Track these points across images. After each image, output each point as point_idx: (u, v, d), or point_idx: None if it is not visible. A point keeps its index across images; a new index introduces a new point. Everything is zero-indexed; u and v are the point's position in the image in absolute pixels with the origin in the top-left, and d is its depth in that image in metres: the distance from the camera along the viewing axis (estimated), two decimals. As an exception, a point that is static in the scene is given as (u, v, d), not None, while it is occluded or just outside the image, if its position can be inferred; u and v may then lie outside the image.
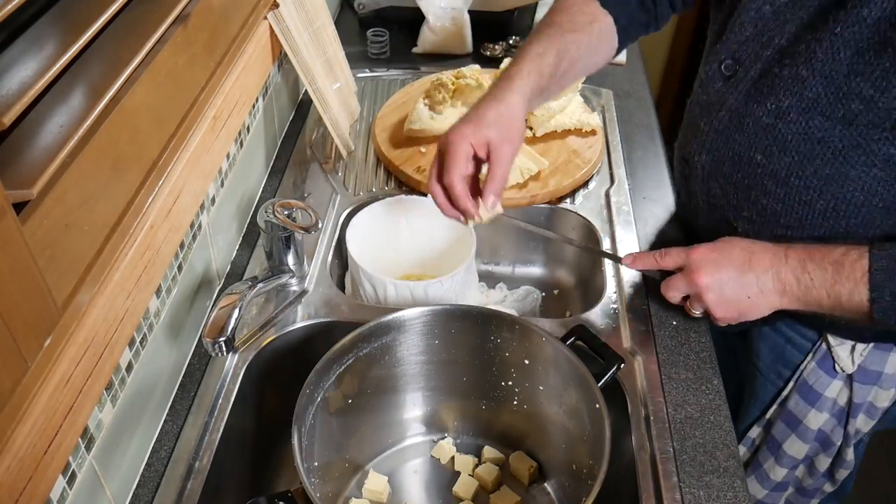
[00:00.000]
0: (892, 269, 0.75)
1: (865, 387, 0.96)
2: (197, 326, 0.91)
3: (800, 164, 0.81)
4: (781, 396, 1.04)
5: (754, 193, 0.87)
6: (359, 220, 1.05)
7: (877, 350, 0.93)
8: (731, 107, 0.86)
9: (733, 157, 0.87)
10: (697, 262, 0.82)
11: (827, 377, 0.97)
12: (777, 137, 0.82)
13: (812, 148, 0.80)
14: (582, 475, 0.80)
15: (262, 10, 1.01)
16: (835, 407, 1.00)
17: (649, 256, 0.88)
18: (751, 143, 0.85)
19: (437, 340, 0.87)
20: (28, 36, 0.58)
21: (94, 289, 0.61)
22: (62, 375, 0.57)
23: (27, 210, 0.54)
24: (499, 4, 1.54)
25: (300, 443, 0.72)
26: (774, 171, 0.83)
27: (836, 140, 0.78)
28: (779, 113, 0.81)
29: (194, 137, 0.80)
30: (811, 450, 1.05)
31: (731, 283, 0.81)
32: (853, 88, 0.74)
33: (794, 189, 0.83)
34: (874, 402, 0.98)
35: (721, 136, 0.88)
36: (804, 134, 0.79)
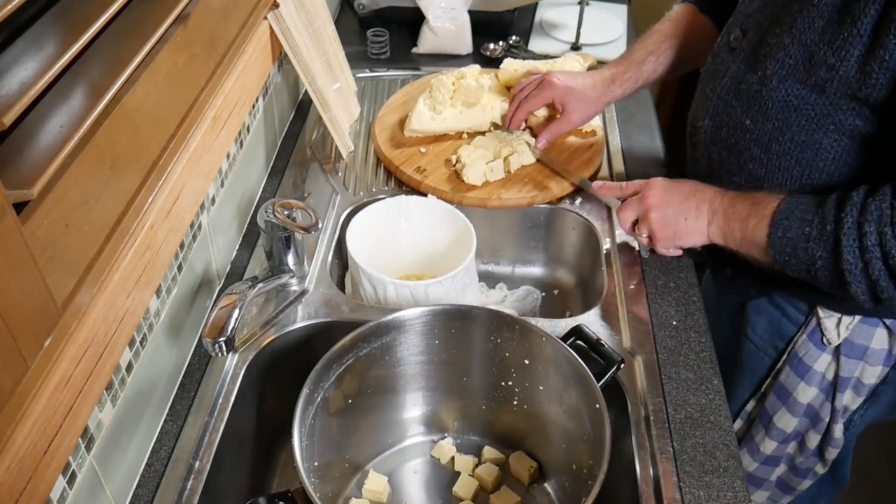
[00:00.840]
0: (792, 209, 0.81)
1: (852, 361, 0.99)
2: (197, 326, 0.91)
3: (779, 130, 0.86)
4: (775, 369, 1.07)
5: (743, 158, 0.92)
6: (359, 220, 1.05)
7: (863, 324, 0.96)
8: (732, 74, 0.91)
9: (730, 122, 0.92)
10: (651, 185, 0.95)
11: (816, 350, 1.00)
12: (762, 104, 0.87)
13: (789, 115, 0.85)
14: (582, 475, 0.80)
15: (262, 10, 1.01)
16: (823, 381, 1.02)
17: (616, 185, 1.02)
18: (744, 109, 0.90)
19: (437, 340, 0.87)
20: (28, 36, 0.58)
21: (94, 289, 0.61)
22: (62, 375, 0.57)
23: (27, 210, 0.54)
24: (499, 4, 1.54)
25: (300, 443, 0.72)
26: (759, 136, 0.89)
27: (810, 108, 0.83)
28: (764, 79, 0.86)
29: (194, 137, 0.80)
30: (801, 425, 1.07)
31: (675, 206, 0.92)
32: (821, 56, 0.79)
33: (774, 154, 0.88)
34: (861, 378, 1.00)
35: (722, 101, 0.93)
36: (783, 101, 0.84)
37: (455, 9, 1.46)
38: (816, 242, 0.79)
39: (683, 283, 1.01)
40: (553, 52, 1.52)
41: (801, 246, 0.81)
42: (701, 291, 1.01)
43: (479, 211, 1.11)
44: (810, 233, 0.80)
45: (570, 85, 1.12)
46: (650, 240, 0.96)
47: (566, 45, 1.56)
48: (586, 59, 1.43)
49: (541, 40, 1.58)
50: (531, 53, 1.52)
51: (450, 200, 1.10)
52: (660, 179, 0.95)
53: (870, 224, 0.75)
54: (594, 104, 1.13)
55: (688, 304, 0.98)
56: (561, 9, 1.67)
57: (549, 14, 1.66)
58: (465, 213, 1.06)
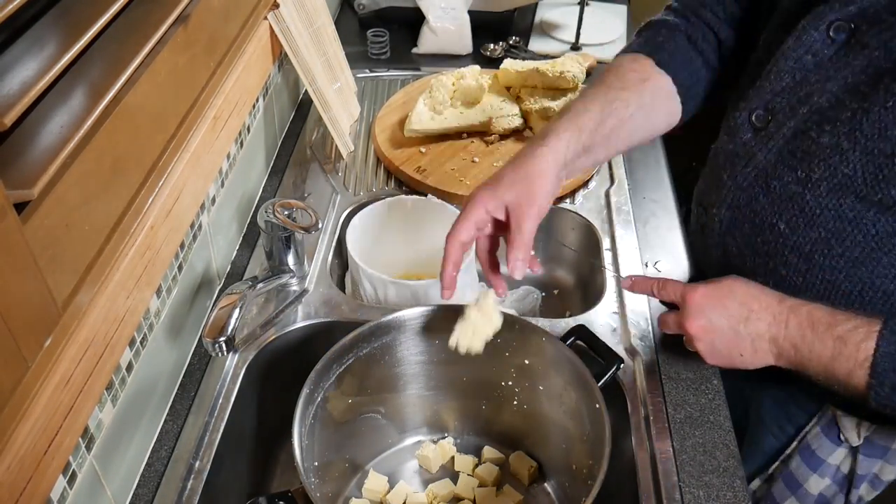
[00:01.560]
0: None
1: (871, 460, 0.90)
2: (197, 326, 0.91)
3: (826, 242, 0.74)
4: (784, 455, 0.98)
5: (773, 262, 0.80)
6: (359, 220, 1.05)
7: (884, 426, 0.87)
8: (759, 164, 0.78)
9: (755, 219, 0.80)
10: (691, 308, 0.76)
11: (831, 444, 0.91)
12: (804, 209, 0.74)
13: (842, 227, 0.72)
14: (582, 475, 0.80)
15: (262, 11, 1.01)
16: (837, 474, 0.94)
17: (647, 283, 0.82)
18: (775, 209, 0.77)
19: (438, 340, 0.87)
20: (29, 36, 0.58)
21: (94, 289, 0.62)
22: (62, 375, 0.57)
23: (28, 210, 0.54)
24: (499, 4, 1.54)
25: (300, 443, 0.72)
26: (798, 244, 0.76)
27: (869, 224, 0.71)
28: (808, 183, 0.73)
29: (195, 137, 0.80)
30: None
31: (723, 338, 0.75)
32: (894, 172, 0.67)
33: (817, 266, 0.76)
34: (879, 475, 0.93)
35: (744, 193, 0.80)
36: (834, 211, 0.72)
37: (455, 9, 1.47)
38: None
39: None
40: (553, 52, 1.52)
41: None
42: None
43: (479, 211, 1.11)
44: None
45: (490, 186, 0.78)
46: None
47: (566, 46, 1.56)
48: (586, 59, 1.43)
49: (541, 40, 1.58)
50: (531, 53, 1.52)
51: (450, 200, 1.10)
52: (700, 292, 0.76)
53: None
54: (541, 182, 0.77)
55: (688, 305, 0.97)
56: (561, 9, 1.67)
57: (549, 14, 1.66)
58: (465, 213, 1.06)
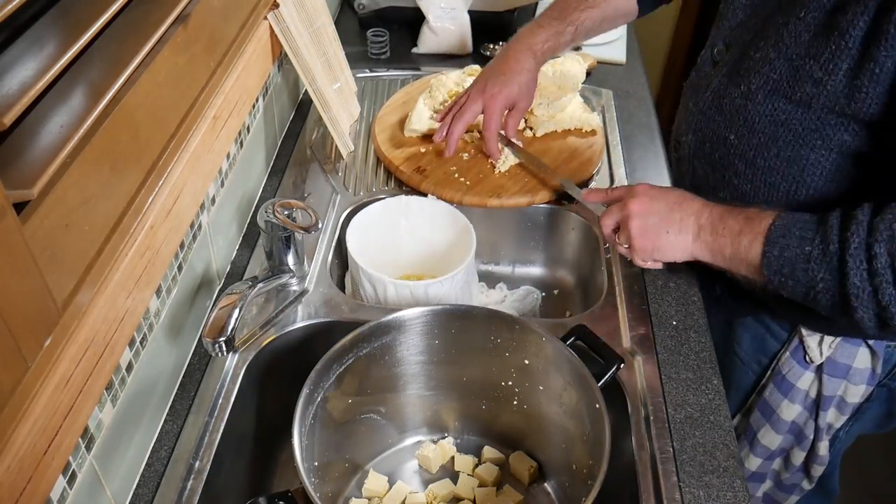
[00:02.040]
0: (789, 227, 0.76)
1: (835, 380, 0.98)
2: (197, 326, 0.91)
3: (765, 146, 0.85)
4: (759, 385, 1.06)
5: (727, 174, 0.90)
6: (359, 220, 1.05)
7: (845, 344, 0.95)
8: (715, 88, 0.90)
9: (713, 136, 0.91)
10: (636, 192, 0.88)
11: (799, 368, 0.99)
12: (746, 118, 0.85)
13: (776, 130, 0.83)
14: (582, 475, 0.80)
15: (262, 10, 1.01)
16: (806, 399, 1.01)
17: (601, 190, 0.97)
18: (727, 124, 0.88)
19: (437, 340, 0.87)
20: (28, 36, 0.58)
21: (94, 289, 0.62)
22: (62, 375, 0.57)
23: (27, 210, 0.54)
24: (499, 4, 1.54)
25: (300, 443, 0.72)
26: (744, 151, 0.87)
27: (796, 123, 0.81)
28: (748, 94, 0.84)
29: (194, 137, 0.80)
30: (785, 442, 1.07)
31: (657, 216, 0.85)
32: (807, 70, 0.78)
33: (759, 170, 0.86)
34: (844, 397, 0.99)
35: (704, 116, 0.91)
36: (769, 116, 0.83)
37: (455, 9, 1.46)
38: (818, 263, 0.73)
39: (683, 283, 1.01)
40: (553, 52, 1.52)
41: (800, 266, 0.74)
42: None
43: (479, 211, 1.11)
44: (811, 252, 0.73)
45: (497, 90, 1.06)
46: (629, 249, 0.90)
47: (566, 45, 1.56)
48: (586, 59, 1.43)
49: (541, 40, 1.58)
50: (531, 53, 1.52)
51: (450, 200, 1.10)
52: (646, 186, 0.89)
53: (880, 245, 0.69)
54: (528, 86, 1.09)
55: (688, 304, 0.98)
56: (561, 9, 1.67)
57: (549, 14, 1.65)
58: (465, 213, 1.06)
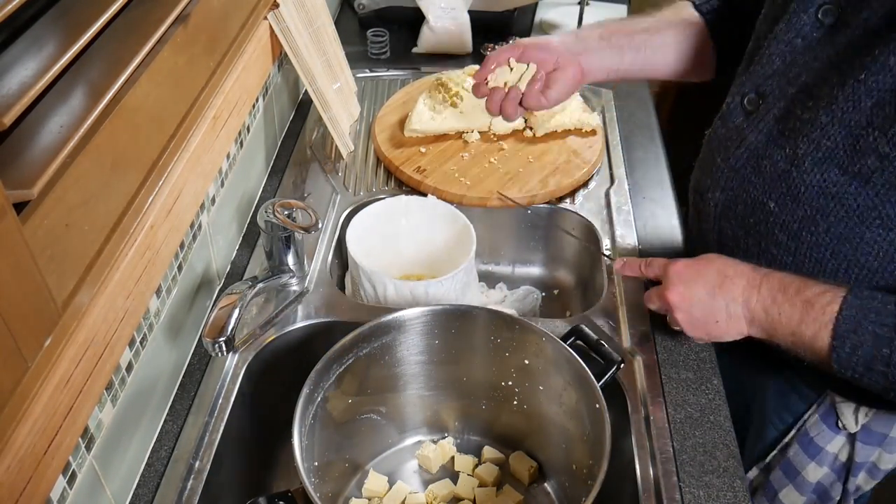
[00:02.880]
0: (860, 320, 0.70)
1: (868, 447, 0.91)
2: (197, 326, 0.91)
3: (812, 219, 0.77)
4: (782, 443, 0.99)
5: (765, 242, 0.82)
6: (359, 220, 1.05)
7: (882, 412, 0.88)
8: (750, 146, 0.81)
9: (747, 199, 0.83)
10: (671, 278, 0.81)
11: (829, 432, 0.92)
12: (791, 186, 0.77)
13: (826, 203, 0.75)
14: (582, 475, 0.80)
15: (262, 11, 1.01)
16: (835, 462, 0.95)
17: (636, 264, 0.87)
18: (766, 188, 0.80)
19: (437, 340, 0.87)
20: (28, 36, 0.58)
21: (94, 289, 0.61)
22: (62, 375, 0.57)
23: (27, 210, 0.54)
24: (499, 4, 1.54)
25: (300, 443, 0.72)
26: (786, 222, 0.79)
27: (851, 198, 0.73)
28: (795, 160, 0.76)
29: (194, 137, 0.80)
30: (807, 502, 1.00)
31: (700, 305, 0.79)
32: (870, 142, 0.69)
33: (804, 244, 0.78)
34: (877, 464, 0.94)
35: (737, 175, 0.83)
36: (819, 187, 0.75)
37: (455, 9, 1.46)
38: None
39: (683, 283, 1.00)
40: (553, 52, 1.52)
41: (877, 368, 0.69)
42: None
43: (479, 211, 1.11)
44: (890, 356, 0.68)
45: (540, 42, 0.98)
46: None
47: (566, 45, 1.56)
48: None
49: (541, 40, 1.58)
50: (531, 53, 1.52)
51: (450, 200, 1.10)
52: (680, 264, 0.81)
53: None
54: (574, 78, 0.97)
55: (688, 304, 0.97)
56: (561, 9, 1.67)
57: (549, 14, 1.66)
58: (465, 213, 1.06)
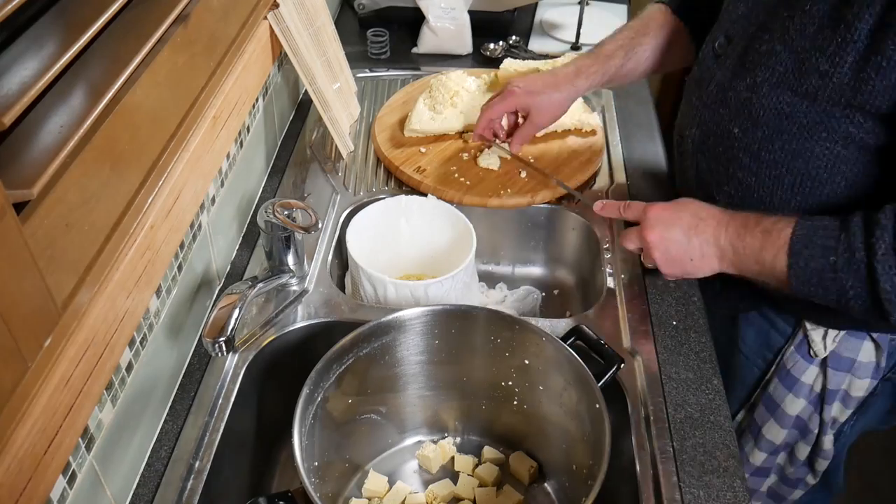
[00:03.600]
0: (811, 237, 0.76)
1: (839, 374, 0.98)
2: (197, 326, 0.91)
3: (769, 139, 0.84)
4: (764, 380, 1.06)
5: (732, 167, 0.89)
6: (359, 220, 1.05)
7: (850, 337, 0.95)
8: (718, 81, 0.89)
9: (717, 130, 0.90)
10: (650, 219, 0.87)
11: (804, 362, 0.99)
12: (751, 111, 0.85)
13: (780, 123, 0.82)
14: (582, 475, 0.80)
15: (262, 11, 1.01)
16: (811, 393, 1.01)
17: (615, 206, 0.94)
18: (731, 117, 0.88)
19: (437, 340, 0.87)
20: (28, 36, 0.58)
21: (94, 289, 0.61)
22: (62, 375, 0.57)
23: (27, 210, 0.54)
24: (499, 4, 1.54)
25: (300, 443, 0.72)
26: (748, 144, 0.86)
27: (801, 116, 0.80)
28: (754, 87, 0.84)
29: (194, 137, 0.80)
30: (790, 436, 1.07)
31: (677, 245, 0.86)
32: (813, 63, 0.77)
33: (764, 163, 0.86)
34: (849, 391, 0.99)
35: (708, 110, 0.91)
36: (774, 108, 0.82)
37: (455, 9, 1.46)
38: (845, 272, 0.74)
39: (683, 283, 1.01)
40: (553, 52, 1.52)
41: (827, 276, 0.75)
42: None
43: (479, 211, 1.11)
44: (836, 262, 0.74)
45: (530, 90, 1.07)
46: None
47: (566, 45, 1.56)
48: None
49: (541, 40, 1.58)
50: (531, 53, 1.52)
51: (450, 200, 1.10)
52: (658, 207, 0.88)
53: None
54: (560, 105, 1.08)
55: (688, 304, 0.98)
56: (561, 9, 1.67)
57: (549, 14, 1.66)
58: (465, 213, 1.06)
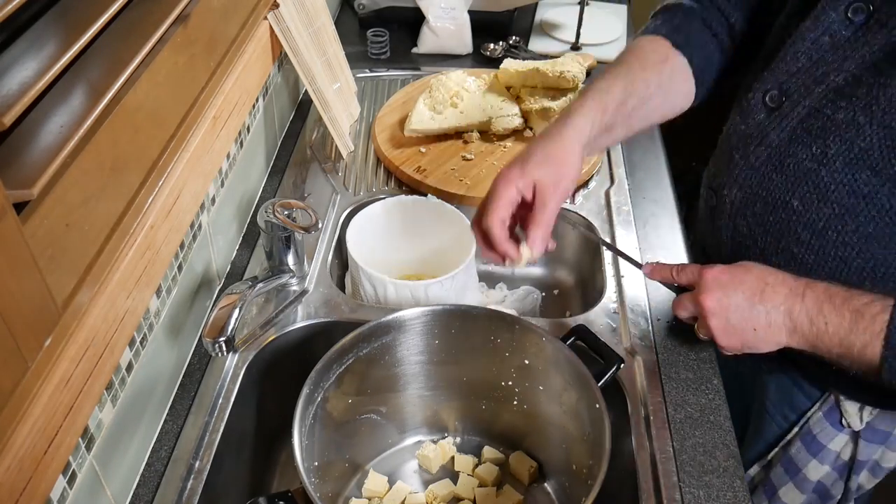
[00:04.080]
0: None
1: (872, 445, 0.91)
2: (197, 326, 0.91)
3: (840, 218, 0.76)
4: (785, 440, 0.99)
5: (785, 240, 0.81)
6: (359, 220, 1.05)
7: (886, 410, 0.88)
8: (772, 143, 0.80)
9: (767, 197, 0.81)
10: (708, 283, 0.77)
11: (833, 430, 0.92)
12: (818, 185, 0.76)
13: (856, 203, 0.74)
14: (582, 475, 0.80)
15: (262, 11, 1.01)
16: (837, 461, 0.95)
17: (667, 269, 0.83)
18: (788, 187, 0.79)
19: (437, 340, 0.87)
20: (28, 36, 0.58)
21: (94, 289, 0.61)
22: (62, 375, 0.57)
23: (27, 210, 0.54)
24: (499, 4, 1.54)
25: (300, 443, 0.72)
26: (811, 220, 0.78)
27: (884, 199, 0.72)
28: (824, 159, 0.75)
29: (194, 137, 0.80)
30: (807, 501, 1.00)
31: (738, 312, 0.75)
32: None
33: (830, 243, 0.77)
34: (879, 462, 0.94)
35: (757, 173, 0.82)
36: (849, 186, 0.74)
37: (455, 9, 1.46)
38: None
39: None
40: (553, 52, 1.52)
41: None
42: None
43: (479, 211, 1.11)
44: None
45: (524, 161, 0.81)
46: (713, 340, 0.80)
47: (566, 45, 1.56)
48: (586, 59, 1.43)
49: (541, 40, 1.58)
50: (531, 53, 1.52)
51: (450, 200, 1.10)
52: (716, 270, 0.77)
53: None
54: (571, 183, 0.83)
55: (688, 304, 0.97)
56: (561, 9, 1.67)
57: (549, 14, 1.66)
58: (465, 213, 1.06)
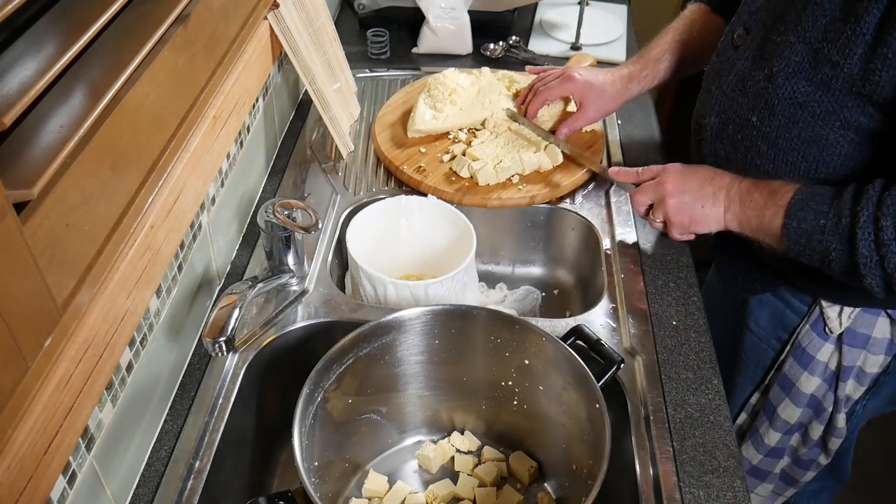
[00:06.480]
0: (808, 201, 0.82)
1: (854, 350, 1.00)
2: (197, 326, 0.91)
3: (786, 127, 0.87)
4: (779, 361, 1.08)
5: (750, 154, 0.93)
6: (359, 220, 1.05)
7: (865, 314, 0.97)
8: (738, 72, 0.92)
9: (736, 118, 0.93)
10: (669, 171, 0.95)
11: (819, 339, 1.02)
12: (768, 100, 0.88)
13: (796, 111, 0.86)
14: (582, 475, 0.80)
15: (262, 10, 1.01)
16: (826, 371, 1.04)
17: (632, 172, 1.01)
18: (749, 106, 0.91)
19: (437, 340, 0.87)
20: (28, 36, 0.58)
21: (94, 289, 0.62)
22: (62, 375, 0.57)
23: (27, 210, 0.54)
24: (499, 4, 1.54)
25: (300, 443, 0.72)
26: (766, 132, 0.90)
27: (815, 104, 0.84)
28: (771, 77, 0.87)
29: (194, 137, 0.80)
30: (804, 415, 1.09)
31: (692, 193, 0.92)
32: (825, 54, 0.81)
33: (781, 150, 0.89)
34: (863, 367, 1.02)
35: (727, 99, 0.94)
36: (790, 98, 0.86)
37: (455, 9, 1.46)
38: (831, 234, 0.80)
39: (683, 283, 1.01)
40: (553, 52, 1.52)
41: (815, 237, 0.81)
42: (703, 287, 1.01)
43: (479, 211, 1.11)
44: (825, 225, 0.80)
45: (589, 80, 1.14)
46: (665, 225, 0.96)
47: (566, 45, 1.56)
48: (586, 58, 1.43)
49: (541, 40, 1.58)
50: (531, 53, 1.52)
51: (450, 200, 1.10)
52: (678, 165, 0.95)
53: (886, 218, 0.76)
54: (612, 101, 1.14)
55: (688, 304, 0.98)
56: (561, 9, 1.67)
57: (549, 14, 1.66)
58: (465, 213, 1.06)
